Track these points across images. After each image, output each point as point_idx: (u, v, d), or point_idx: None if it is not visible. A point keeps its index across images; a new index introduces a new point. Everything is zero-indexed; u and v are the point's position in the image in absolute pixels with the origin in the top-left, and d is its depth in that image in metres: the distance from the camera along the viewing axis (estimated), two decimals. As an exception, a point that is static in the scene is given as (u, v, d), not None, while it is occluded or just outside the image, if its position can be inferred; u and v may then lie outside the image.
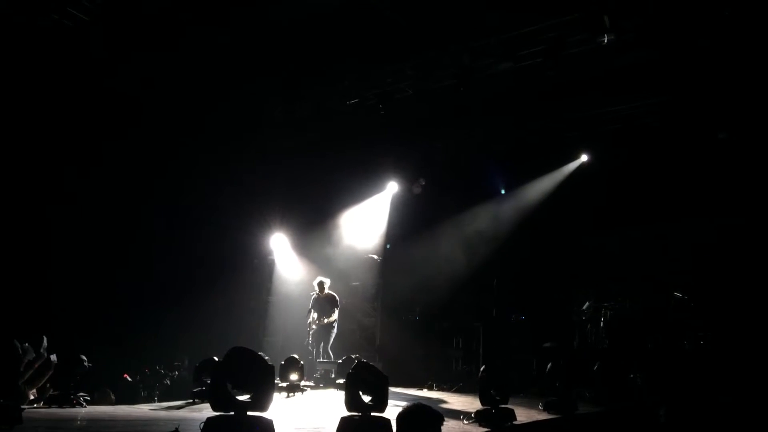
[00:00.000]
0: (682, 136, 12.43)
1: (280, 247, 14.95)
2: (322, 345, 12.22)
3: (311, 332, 12.19)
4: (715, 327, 11.04)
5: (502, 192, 15.05)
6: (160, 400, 10.01)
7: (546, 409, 8.53)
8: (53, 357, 8.94)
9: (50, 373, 8.74)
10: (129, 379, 10.86)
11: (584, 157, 14.13)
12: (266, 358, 5.85)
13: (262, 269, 14.88)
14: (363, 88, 12.13)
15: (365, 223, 15.13)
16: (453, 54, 10.97)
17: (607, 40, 9.69)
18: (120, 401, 9.55)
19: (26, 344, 8.40)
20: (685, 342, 11.06)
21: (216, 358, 7.90)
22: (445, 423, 6.01)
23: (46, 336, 8.96)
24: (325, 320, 12.15)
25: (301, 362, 10.51)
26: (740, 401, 7.99)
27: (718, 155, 12.09)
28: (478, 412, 7.62)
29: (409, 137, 13.69)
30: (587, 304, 12.62)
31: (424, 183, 14.82)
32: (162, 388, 11.17)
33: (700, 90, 11.32)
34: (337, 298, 12.45)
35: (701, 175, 12.37)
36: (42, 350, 8.79)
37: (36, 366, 8.63)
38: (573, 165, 14.27)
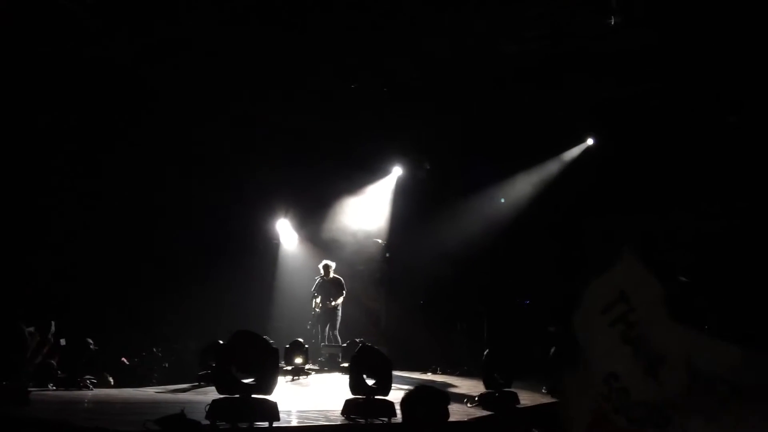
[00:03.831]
0: (691, 120, 12.31)
1: (285, 232, 14.98)
2: (328, 329, 12.26)
3: (314, 315, 12.26)
4: (720, 311, 11.00)
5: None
6: (158, 384, 10.04)
7: (549, 392, 8.56)
8: (62, 341, 9.03)
9: (57, 357, 8.83)
10: (126, 362, 10.85)
11: (590, 141, 14.06)
12: (271, 341, 5.88)
13: (267, 254, 14.92)
14: (367, 70, 12.07)
15: (370, 207, 15.13)
16: (455, 37, 10.88)
17: (614, 21, 9.60)
18: (117, 385, 9.59)
19: (33, 329, 8.47)
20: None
21: (221, 342, 7.96)
22: (448, 406, 6.05)
23: (54, 321, 9.05)
24: (332, 303, 12.19)
25: (306, 346, 10.55)
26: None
27: (727, 140, 11.97)
28: (481, 396, 7.66)
29: (413, 120, 13.63)
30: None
31: (428, 167, 14.78)
32: (160, 371, 11.16)
33: (710, 72, 11.21)
34: (343, 281, 12.48)
35: (708, 160, 12.26)
36: (50, 335, 8.87)
37: (45, 351, 8.72)
38: (578, 149, 14.19)
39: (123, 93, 11.60)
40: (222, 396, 5.40)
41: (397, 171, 15.10)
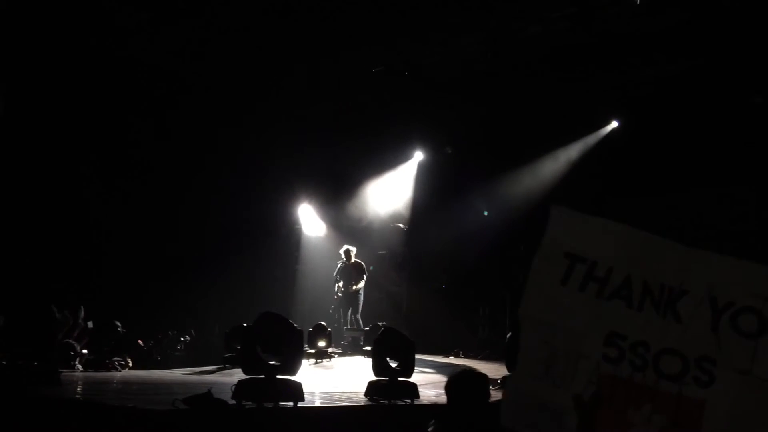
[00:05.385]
0: (717, 101, 12.07)
1: (308, 217, 15.06)
2: (350, 312, 12.37)
3: (337, 300, 12.37)
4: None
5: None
6: (174, 367, 10.12)
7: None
8: (90, 323, 9.22)
9: (86, 340, 9.03)
10: (142, 345, 10.93)
11: (614, 123, 13.87)
12: (294, 324, 5.95)
13: (289, 239, 15.02)
14: (389, 55, 12.02)
15: (391, 192, 15.13)
16: (480, 18, 10.76)
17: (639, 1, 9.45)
18: (134, 368, 9.67)
19: (66, 312, 8.67)
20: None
21: (246, 325, 8.06)
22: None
23: (83, 305, 9.24)
24: (353, 287, 12.29)
25: (329, 329, 10.64)
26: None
27: (754, 121, 11.72)
28: (504, 378, 7.67)
29: (435, 105, 13.55)
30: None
31: (450, 151, 14.71)
32: (176, 353, 11.22)
33: (735, 52, 10.97)
34: (364, 266, 12.55)
35: (735, 141, 12.01)
36: (80, 320, 9.07)
37: (74, 335, 8.92)
38: (604, 131, 14.01)
39: (149, 84, 11.75)
40: (248, 376, 5.49)
41: (418, 155, 15.06)
